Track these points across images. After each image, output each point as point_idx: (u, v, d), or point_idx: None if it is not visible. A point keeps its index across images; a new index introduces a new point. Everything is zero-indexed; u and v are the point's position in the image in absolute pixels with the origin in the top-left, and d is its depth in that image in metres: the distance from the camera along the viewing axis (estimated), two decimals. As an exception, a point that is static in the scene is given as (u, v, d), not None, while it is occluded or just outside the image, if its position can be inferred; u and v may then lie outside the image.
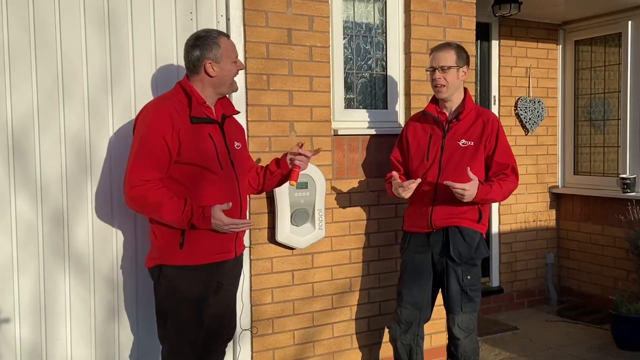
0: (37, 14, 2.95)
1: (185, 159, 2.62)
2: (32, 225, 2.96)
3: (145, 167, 2.56)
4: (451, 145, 3.21)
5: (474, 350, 3.28)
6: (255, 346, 3.48)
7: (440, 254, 3.23)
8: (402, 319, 3.34)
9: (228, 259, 2.78)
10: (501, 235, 5.58)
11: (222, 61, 2.70)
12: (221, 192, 2.68)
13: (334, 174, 3.71)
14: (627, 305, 4.54)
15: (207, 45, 2.67)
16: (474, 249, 3.20)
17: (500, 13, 5.07)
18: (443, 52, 3.24)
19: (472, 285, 3.21)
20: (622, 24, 5.33)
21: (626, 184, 5.17)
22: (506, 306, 5.59)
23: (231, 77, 2.75)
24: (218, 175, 2.67)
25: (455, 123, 3.23)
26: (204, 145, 2.65)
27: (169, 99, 2.70)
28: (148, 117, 2.64)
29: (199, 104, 2.69)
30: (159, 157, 2.58)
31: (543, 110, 5.69)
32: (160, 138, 2.57)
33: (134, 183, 2.56)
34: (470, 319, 3.24)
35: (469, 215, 3.20)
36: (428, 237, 3.26)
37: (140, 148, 2.59)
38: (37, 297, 2.98)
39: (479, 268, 3.27)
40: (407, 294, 3.34)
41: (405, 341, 3.37)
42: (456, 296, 3.21)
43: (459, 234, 3.19)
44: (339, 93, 3.78)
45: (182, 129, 2.61)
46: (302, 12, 3.53)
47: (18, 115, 2.92)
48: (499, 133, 3.22)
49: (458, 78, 3.23)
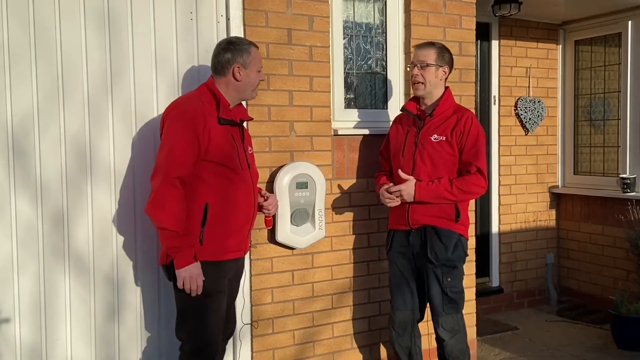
0: (37, 14, 2.95)
1: (212, 157, 2.71)
2: (32, 225, 2.96)
3: (176, 164, 2.64)
4: (424, 141, 3.22)
5: (461, 351, 3.27)
6: (255, 346, 3.48)
7: (420, 254, 3.24)
8: (396, 322, 3.37)
9: (238, 257, 2.90)
10: (501, 235, 5.58)
11: (249, 68, 2.83)
12: (242, 191, 2.81)
13: (334, 174, 3.71)
14: (627, 305, 4.54)
15: (238, 51, 2.82)
16: (451, 250, 3.18)
17: (500, 13, 5.07)
18: (424, 50, 3.26)
19: (453, 287, 3.20)
20: (622, 24, 5.33)
21: (626, 184, 5.17)
22: (506, 306, 5.59)
23: (253, 85, 2.89)
24: (239, 175, 2.80)
25: (430, 119, 3.24)
26: (229, 145, 2.77)
27: (197, 98, 2.80)
28: (180, 115, 2.72)
29: (225, 106, 2.80)
30: (189, 154, 2.66)
31: (543, 110, 5.69)
32: (192, 135, 2.66)
33: (166, 179, 2.63)
34: (454, 320, 3.23)
35: (445, 213, 3.19)
36: (408, 237, 3.28)
37: (175, 145, 2.66)
38: (37, 297, 2.98)
39: (459, 270, 3.26)
40: (396, 298, 3.38)
41: (403, 344, 3.39)
42: (438, 298, 3.21)
43: (435, 234, 3.19)
44: (339, 93, 3.78)
45: (212, 128, 2.71)
46: (302, 12, 3.53)
47: (18, 115, 2.92)
48: (471, 131, 3.17)
49: (436, 77, 3.24)
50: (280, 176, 3.43)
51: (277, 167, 3.48)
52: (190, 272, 2.66)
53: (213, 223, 2.72)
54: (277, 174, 3.45)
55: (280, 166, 3.48)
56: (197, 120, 2.68)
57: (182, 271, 2.66)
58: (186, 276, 2.66)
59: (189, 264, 2.65)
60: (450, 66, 3.31)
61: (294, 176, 3.45)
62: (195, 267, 2.67)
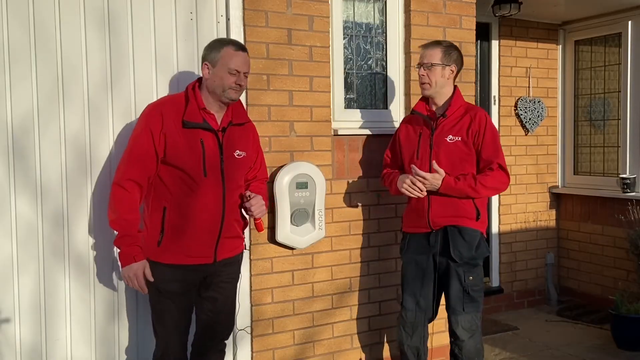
0: (37, 14, 2.95)
1: (169, 161, 2.71)
2: (32, 226, 2.97)
3: (132, 166, 2.69)
4: (439, 142, 3.20)
5: (478, 352, 3.25)
6: (255, 346, 3.48)
7: (442, 254, 3.22)
8: (407, 322, 3.34)
9: (205, 263, 2.81)
10: (501, 235, 5.58)
11: (217, 66, 2.74)
12: (199, 198, 2.72)
13: (334, 174, 3.71)
14: (627, 305, 4.54)
15: (210, 49, 2.78)
16: (474, 248, 3.18)
17: (500, 13, 5.07)
18: (429, 50, 3.24)
19: (474, 285, 3.19)
20: (622, 24, 5.33)
21: (626, 184, 5.17)
22: (506, 306, 5.59)
23: (221, 85, 2.74)
24: (197, 182, 2.71)
25: (443, 120, 3.22)
26: (190, 150, 2.71)
27: (169, 100, 2.82)
28: (143, 115, 2.77)
29: (199, 108, 2.74)
30: (145, 156, 2.68)
31: (543, 110, 5.69)
32: (148, 136, 2.68)
33: (119, 181, 2.70)
34: (474, 319, 3.21)
35: (466, 213, 3.18)
36: (428, 238, 3.26)
37: (130, 146, 2.73)
38: (37, 297, 2.99)
39: (480, 268, 3.26)
40: (410, 297, 3.33)
41: (412, 344, 3.36)
42: (458, 297, 3.19)
43: (458, 233, 3.18)
44: (339, 93, 3.78)
45: (171, 131, 2.69)
46: (302, 12, 3.53)
47: (18, 115, 2.92)
48: (487, 129, 3.17)
49: (443, 76, 3.21)
50: (280, 176, 3.43)
51: (277, 167, 3.48)
52: (129, 271, 2.68)
53: (170, 227, 2.72)
54: (277, 174, 3.45)
55: (280, 166, 3.48)
56: (153, 124, 2.68)
57: (123, 270, 2.71)
58: (125, 275, 2.70)
59: (128, 263, 2.68)
60: (459, 64, 3.27)
61: (294, 176, 3.45)
62: (136, 266, 2.68)
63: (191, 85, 2.79)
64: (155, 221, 2.73)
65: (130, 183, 2.68)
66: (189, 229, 2.72)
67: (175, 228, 2.72)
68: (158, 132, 2.67)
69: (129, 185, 2.68)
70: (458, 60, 3.26)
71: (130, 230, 2.68)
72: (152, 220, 2.74)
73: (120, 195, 2.68)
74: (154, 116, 2.70)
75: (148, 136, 2.67)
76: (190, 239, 2.73)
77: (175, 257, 2.74)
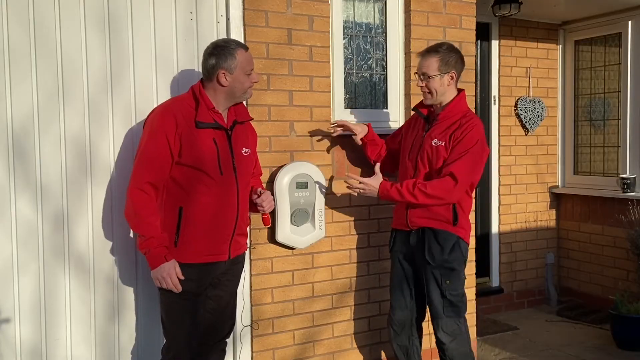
0: (37, 14, 2.95)
1: (185, 161, 2.71)
2: (32, 226, 2.96)
3: (149, 169, 2.69)
4: (425, 144, 3.20)
5: (463, 355, 3.22)
6: (255, 346, 3.48)
7: (419, 255, 3.22)
8: (394, 321, 3.36)
9: (221, 261, 2.85)
10: (501, 235, 5.58)
11: (236, 72, 2.78)
12: (216, 196, 2.76)
13: (334, 173, 3.71)
14: (627, 305, 4.54)
15: (223, 55, 2.77)
16: (447, 251, 3.14)
17: (500, 13, 5.08)
18: (425, 60, 3.18)
19: (452, 290, 3.16)
20: (622, 24, 5.34)
21: (626, 184, 5.18)
22: (506, 306, 5.59)
23: (243, 88, 2.83)
24: (215, 180, 2.75)
25: (436, 123, 3.22)
26: (206, 149, 2.74)
27: (178, 101, 2.82)
28: (155, 118, 2.76)
29: (208, 108, 2.78)
30: (161, 159, 2.69)
31: (543, 110, 5.69)
32: (163, 139, 2.68)
33: (138, 184, 2.69)
34: (455, 323, 3.20)
35: (441, 216, 3.16)
36: (409, 237, 3.27)
37: (145, 149, 2.72)
38: (38, 297, 2.98)
39: (458, 273, 3.20)
40: (395, 297, 3.37)
41: (400, 343, 3.38)
42: (438, 300, 3.18)
43: (432, 235, 3.17)
44: (339, 93, 3.78)
45: (185, 132, 2.71)
46: (302, 12, 3.53)
47: (18, 115, 2.92)
48: (465, 138, 3.07)
49: (442, 85, 3.16)
50: (280, 176, 3.43)
51: (277, 167, 3.48)
52: (161, 272, 2.68)
53: (187, 226, 2.73)
54: (277, 174, 3.45)
55: (280, 166, 3.48)
56: (168, 125, 2.68)
57: (154, 272, 2.70)
58: (158, 277, 2.69)
59: (160, 263, 2.68)
60: (459, 68, 3.20)
61: (294, 176, 3.45)
62: (167, 265, 2.68)
63: (197, 87, 2.81)
64: (169, 222, 2.74)
65: (149, 186, 2.69)
66: (208, 227, 2.76)
67: (193, 227, 2.74)
68: (173, 134, 2.68)
69: (148, 188, 2.69)
70: (458, 64, 3.20)
71: (155, 232, 2.68)
72: (166, 222, 2.74)
73: (141, 199, 2.68)
74: (168, 119, 2.70)
75: (163, 139, 2.67)
76: (209, 237, 2.77)
77: (194, 256, 2.76)
